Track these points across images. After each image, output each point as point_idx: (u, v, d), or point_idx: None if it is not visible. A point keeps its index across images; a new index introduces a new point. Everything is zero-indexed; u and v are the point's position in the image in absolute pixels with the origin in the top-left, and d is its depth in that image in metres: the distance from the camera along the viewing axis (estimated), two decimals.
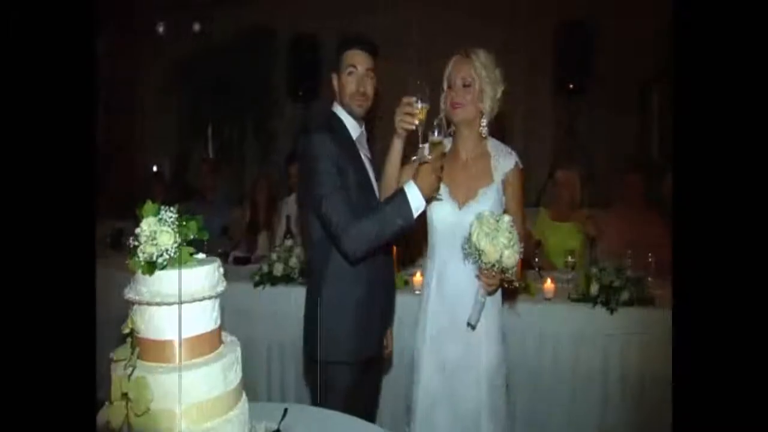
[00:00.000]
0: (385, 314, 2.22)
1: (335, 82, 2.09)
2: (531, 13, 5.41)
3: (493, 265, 1.79)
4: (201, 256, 1.34)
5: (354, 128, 2.08)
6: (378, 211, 1.86)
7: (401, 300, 2.47)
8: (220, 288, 1.26)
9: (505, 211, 2.01)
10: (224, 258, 3.64)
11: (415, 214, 1.84)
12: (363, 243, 1.85)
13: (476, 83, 1.96)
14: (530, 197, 5.85)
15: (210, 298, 1.23)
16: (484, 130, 2.03)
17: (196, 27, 5.66)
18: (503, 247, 1.76)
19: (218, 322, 1.29)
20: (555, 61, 5.28)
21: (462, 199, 2.02)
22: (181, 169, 5.91)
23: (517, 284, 1.92)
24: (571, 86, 5.13)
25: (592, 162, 5.18)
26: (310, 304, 2.10)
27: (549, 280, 2.90)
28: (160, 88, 5.83)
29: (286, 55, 5.79)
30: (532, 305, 2.82)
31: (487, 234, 1.77)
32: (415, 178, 1.84)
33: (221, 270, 1.30)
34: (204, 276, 1.23)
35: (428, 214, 2.03)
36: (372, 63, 2.05)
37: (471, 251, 1.82)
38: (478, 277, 1.89)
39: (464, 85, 1.97)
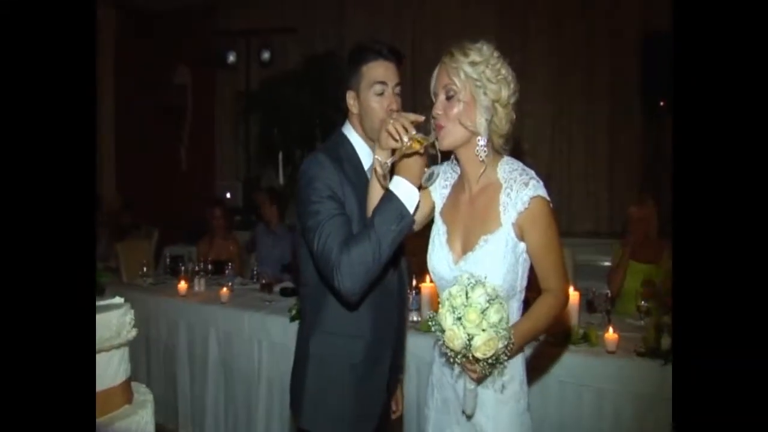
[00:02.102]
0: (394, 372, 1.82)
1: (353, 102, 1.68)
2: (613, 25, 4.93)
3: (457, 355, 1.27)
4: (118, 299, 1.19)
5: (368, 157, 1.68)
6: (366, 228, 1.46)
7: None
8: (119, 341, 1.09)
9: (531, 266, 1.46)
10: (268, 289, 3.53)
11: (411, 209, 1.43)
12: (360, 274, 1.45)
13: (461, 93, 1.39)
14: (616, 227, 5.29)
15: (102, 351, 1.06)
16: (482, 152, 1.41)
17: (266, 55, 5.76)
18: (473, 330, 1.23)
19: (121, 377, 1.11)
20: (642, 76, 4.74)
21: (459, 250, 1.49)
22: (250, 197, 6.00)
23: (501, 390, 1.43)
24: (661, 103, 4.55)
25: None
26: (296, 358, 1.77)
27: (611, 329, 2.45)
28: (232, 115, 5.98)
29: None
30: (590, 357, 2.41)
31: (452, 310, 1.25)
32: (399, 172, 1.44)
33: (129, 318, 1.13)
34: (98, 326, 1.07)
35: (428, 263, 1.60)
36: (399, 76, 1.66)
37: (437, 330, 1.30)
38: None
39: (447, 98, 1.41)
